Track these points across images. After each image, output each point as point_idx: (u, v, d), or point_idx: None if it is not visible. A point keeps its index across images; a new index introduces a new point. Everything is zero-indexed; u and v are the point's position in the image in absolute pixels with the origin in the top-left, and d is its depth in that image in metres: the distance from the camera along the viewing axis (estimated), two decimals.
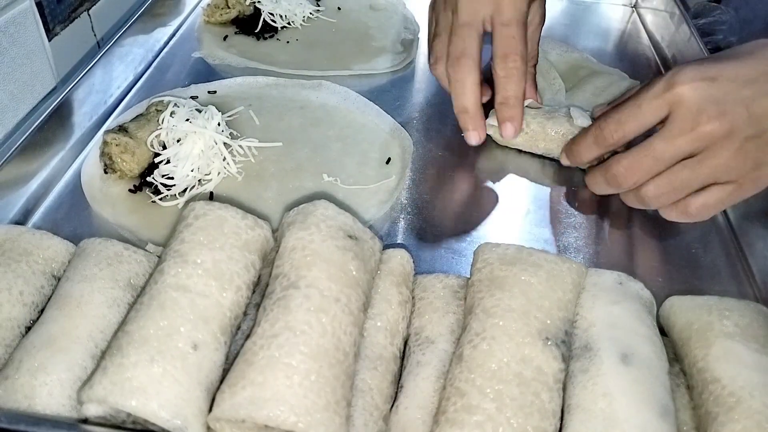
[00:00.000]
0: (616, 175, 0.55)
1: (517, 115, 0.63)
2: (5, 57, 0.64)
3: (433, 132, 0.74)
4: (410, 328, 0.48)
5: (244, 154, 0.66)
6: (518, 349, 0.42)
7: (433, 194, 0.66)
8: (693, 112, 0.50)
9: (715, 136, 0.50)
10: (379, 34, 0.91)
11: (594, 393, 0.42)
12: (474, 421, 0.39)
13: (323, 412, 0.38)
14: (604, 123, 0.56)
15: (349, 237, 0.47)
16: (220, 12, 0.89)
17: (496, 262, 0.47)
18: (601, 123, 0.56)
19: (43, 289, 0.48)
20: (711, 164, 0.51)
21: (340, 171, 0.66)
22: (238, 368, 0.40)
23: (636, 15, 1.03)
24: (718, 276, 0.59)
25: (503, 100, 0.63)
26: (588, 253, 0.60)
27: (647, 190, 0.55)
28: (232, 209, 0.47)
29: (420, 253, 0.59)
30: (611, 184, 0.56)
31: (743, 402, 0.40)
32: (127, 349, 0.39)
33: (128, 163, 0.61)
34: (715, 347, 0.44)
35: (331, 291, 0.43)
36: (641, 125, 0.54)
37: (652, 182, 0.54)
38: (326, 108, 0.76)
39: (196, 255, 0.44)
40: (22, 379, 0.40)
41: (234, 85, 0.78)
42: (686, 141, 0.51)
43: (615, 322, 0.45)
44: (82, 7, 0.79)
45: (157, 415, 0.38)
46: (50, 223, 0.60)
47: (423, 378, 0.44)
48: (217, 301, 0.43)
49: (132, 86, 0.79)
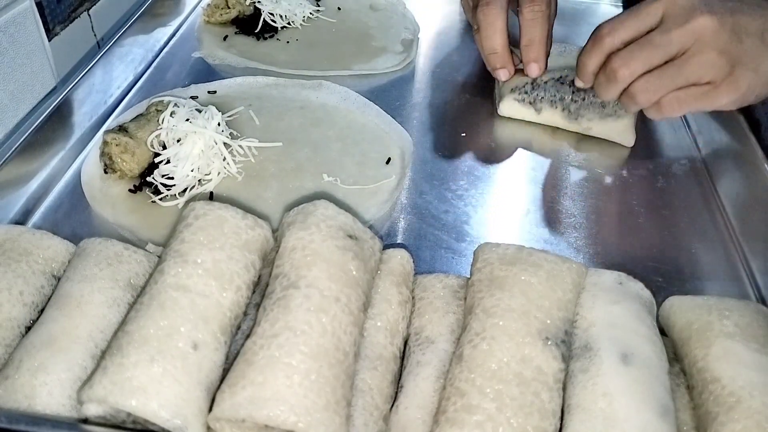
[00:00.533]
0: (615, 69, 0.60)
1: (542, 56, 0.69)
2: (5, 57, 0.64)
3: (433, 132, 0.74)
4: (410, 328, 0.48)
5: (244, 154, 0.66)
6: (518, 349, 0.42)
7: (433, 194, 0.66)
8: (686, 9, 0.57)
9: (705, 30, 0.56)
10: (379, 34, 0.91)
11: (594, 393, 0.41)
12: (474, 421, 0.39)
13: (323, 411, 0.38)
14: (603, 26, 0.62)
15: (349, 237, 0.47)
16: (220, 12, 0.89)
17: (496, 262, 0.47)
18: (601, 26, 0.62)
19: (43, 289, 0.48)
20: (696, 61, 0.57)
21: (340, 171, 0.66)
22: (238, 368, 0.40)
23: None
24: (718, 276, 0.59)
25: (528, 42, 0.69)
26: (588, 253, 0.60)
27: (636, 85, 0.59)
28: (232, 209, 0.47)
29: (420, 253, 0.59)
30: (610, 78, 0.61)
31: (743, 402, 0.40)
32: (127, 349, 0.39)
33: (128, 163, 0.61)
34: (715, 347, 0.44)
35: (331, 291, 0.43)
36: (637, 25, 0.60)
37: (643, 78, 0.59)
38: (326, 108, 0.76)
39: (196, 255, 0.44)
40: (22, 378, 0.40)
41: (234, 85, 0.78)
42: (679, 33, 0.57)
43: (615, 321, 0.45)
44: (82, 7, 0.79)
45: (157, 415, 0.38)
46: (50, 223, 0.60)
47: (423, 378, 0.44)
48: (217, 301, 0.43)
49: (132, 86, 0.79)
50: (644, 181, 0.68)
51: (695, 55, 0.57)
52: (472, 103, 0.79)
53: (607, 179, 0.69)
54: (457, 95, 0.80)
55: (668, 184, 0.68)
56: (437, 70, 0.85)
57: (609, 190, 0.67)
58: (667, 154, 0.73)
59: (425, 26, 0.94)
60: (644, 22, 0.59)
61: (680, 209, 0.65)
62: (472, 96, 0.80)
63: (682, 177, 0.69)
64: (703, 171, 0.70)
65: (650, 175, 0.69)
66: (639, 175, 0.69)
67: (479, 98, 0.80)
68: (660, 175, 0.69)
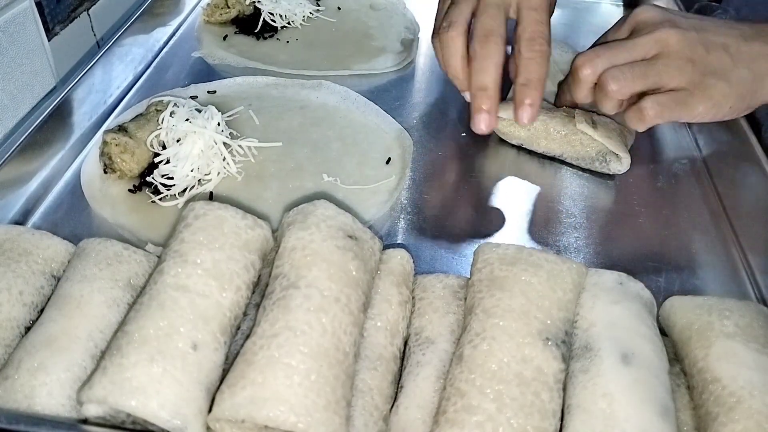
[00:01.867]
0: (577, 66, 0.61)
1: (537, 99, 0.61)
2: (5, 57, 0.64)
3: (433, 132, 0.74)
4: (410, 328, 0.48)
5: (244, 154, 0.66)
6: (518, 349, 0.42)
7: (433, 194, 0.66)
8: (654, 23, 0.60)
9: (670, 39, 0.58)
10: (379, 34, 0.91)
11: (594, 393, 0.41)
12: (474, 422, 0.39)
13: (323, 412, 0.38)
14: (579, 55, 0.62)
15: (349, 237, 0.47)
16: (219, 12, 0.89)
17: (497, 262, 0.47)
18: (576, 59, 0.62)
19: (43, 289, 0.47)
20: (664, 63, 0.58)
21: (340, 171, 0.66)
22: (237, 368, 0.40)
23: None
24: (718, 276, 0.59)
25: (525, 81, 0.61)
26: (588, 253, 0.60)
27: (607, 73, 0.59)
28: (231, 209, 0.47)
29: (420, 253, 0.58)
30: (574, 77, 0.62)
31: (743, 402, 0.40)
32: (126, 349, 0.39)
33: (128, 163, 0.61)
34: (715, 347, 0.44)
35: (331, 291, 0.43)
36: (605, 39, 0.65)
37: (614, 68, 0.59)
38: (326, 108, 0.76)
39: (196, 255, 0.44)
40: (22, 379, 0.40)
41: (234, 85, 0.78)
42: (646, 40, 0.59)
43: (615, 322, 0.45)
44: (81, 6, 0.79)
45: (156, 415, 0.38)
46: (50, 223, 0.60)
47: (423, 378, 0.44)
48: (216, 301, 0.43)
49: (132, 86, 0.79)
50: (644, 181, 0.68)
51: (662, 57, 0.59)
52: None
53: (607, 179, 0.68)
54: (457, 95, 0.80)
55: (668, 184, 0.68)
56: (437, 69, 0.85)
57: (609, 190, 0.67)
58: (667, 154, 0.73)
59: (425, 26, 0.94)
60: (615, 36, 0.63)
61: (680, 209, 0.65)
62: None
63: (683, 177, 0.69)
64: (704, 171, 0.70)
65: (650, 175, 0.69)
66: (639, 175, 0.68)
67: None
68: (660, 175, 0.69)
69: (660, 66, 0.58)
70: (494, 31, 0.61)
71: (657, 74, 0.58)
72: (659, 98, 0.59)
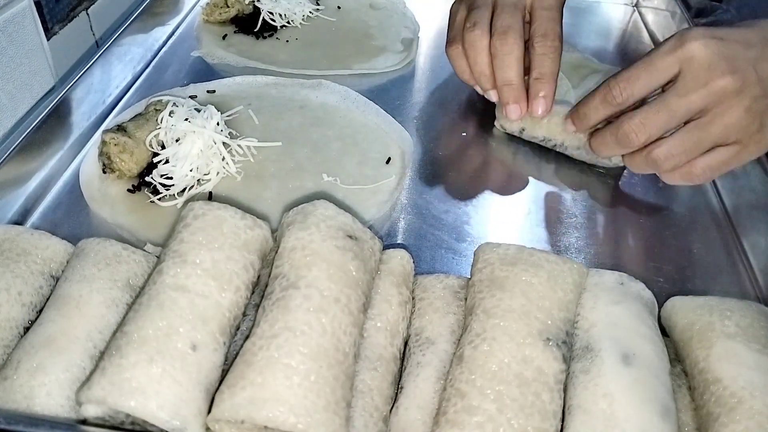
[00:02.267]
0: (628, 133, 0.55)
1: (551, 92, 0.63)
2: (4, 56, 0.64)
3: (433, 132, 0.74)
4: (410, 328, 0.48)
5: (244, 154, 0.66)
6: (519, 350, 0.42)
7: (433, 194, 0.65)
8: (705, 68, 0.51)
9: (727, 92, 0.51)
10: (379, 34, 0.91)
11: (595, 393, 0.41)
12: (474, 422, 0.39)
13: (323, 412, 0.38)
14: (614, 82, 0.56)
15: (349, 237, 0.46)
16: (219, 11, 0.89)
17: (497, 262, 0.47)
18: (611, 82, 0.57)
19: (42, 289, 0.47)
20: (722, 122, 0.52)
21: (340, 171, 0.66)
22: (237, 369, 0.40)
23: (637, 14, 1.03)
24: (719, 276, 0.59)
25: (539, 75, 0.63)
26: (589, 253, 0.60)
27: (659, 152, 0.55)
28: (231, 209, 0.47)
29: (420, 253, 0.58)
30: (622, 143, 0.56)
31: (745, 402, 0.40)
32: (125, 350, 0.39)
33: (127, 163, 0.61)
34: (716, 348, 0.44)
35: (330, 291, 0.43)
36: (651, 83, 0.54)
37: (665, 143, 0.54)
38: (326, 107, 0.75)
39: (195, 255, 0.44)
40: (21, 379, 0.40)
41: (233, 85, 0.78)
42: (699, 96, 0.52)
43: (616, 322, 0.45)
44: (80, 6, 0.79)
45: (156, 416, 0.38)
46: (49, 223, 0.59)
47: (423, 379, 0.44)
48: (216, 302, 0.43)
49: (131, 85, 0.79)
50: (645, 181, 0.68)
51: (719, 116, 0.52)
52: (473, 103, 0.79)
53: (608, 179, 0.68)
54: (457, 95, 0.80)
55: (669, 184, 0.68)
56: (438, 69, 0.85)
57: (610, 190, 0.67)
58: None
59: (425, 25, 0.94)
60: (658, 79, 0.54)
61: (681, 209, 0.65)
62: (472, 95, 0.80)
63: None
64: None
65: (651, 175, 0.69)
66: (640, 175, 0.68)
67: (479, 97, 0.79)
68: None
69: (717, 128, 0.52)
70: (512, 27, 0.63)
71: (713, 141, 0.53)
72: (710, 163, 0.54)
